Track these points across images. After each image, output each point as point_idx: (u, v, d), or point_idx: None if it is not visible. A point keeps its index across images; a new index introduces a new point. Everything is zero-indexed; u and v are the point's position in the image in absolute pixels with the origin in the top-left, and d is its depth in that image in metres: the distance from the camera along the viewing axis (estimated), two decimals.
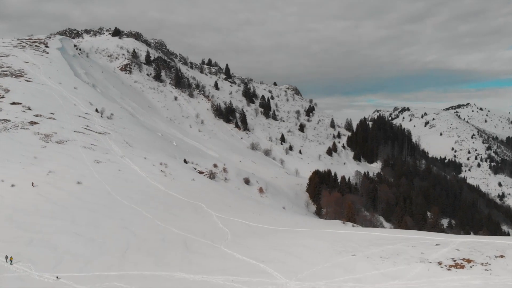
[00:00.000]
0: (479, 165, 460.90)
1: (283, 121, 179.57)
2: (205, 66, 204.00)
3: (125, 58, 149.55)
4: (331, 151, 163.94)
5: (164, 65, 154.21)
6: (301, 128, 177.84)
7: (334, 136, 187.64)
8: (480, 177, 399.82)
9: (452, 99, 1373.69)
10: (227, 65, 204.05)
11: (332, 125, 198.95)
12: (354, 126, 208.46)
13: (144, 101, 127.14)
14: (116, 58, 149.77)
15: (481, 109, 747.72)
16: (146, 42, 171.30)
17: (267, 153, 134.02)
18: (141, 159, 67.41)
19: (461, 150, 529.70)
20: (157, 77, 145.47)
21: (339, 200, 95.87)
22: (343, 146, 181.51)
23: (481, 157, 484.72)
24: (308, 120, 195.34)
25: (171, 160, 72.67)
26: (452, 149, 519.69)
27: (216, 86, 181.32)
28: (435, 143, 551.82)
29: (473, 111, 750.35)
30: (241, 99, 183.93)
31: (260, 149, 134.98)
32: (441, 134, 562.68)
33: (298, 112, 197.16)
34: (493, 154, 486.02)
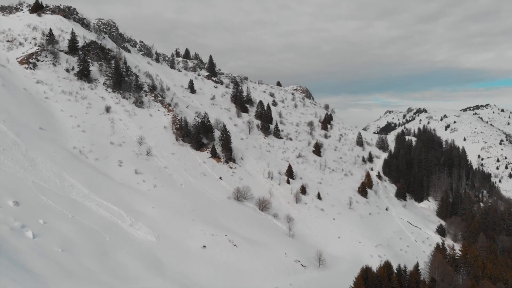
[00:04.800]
0: (510, 176, 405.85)
1: (290, 139, 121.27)
2: (179, 59, 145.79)
3: (35, 44, 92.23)
4: (365, 187, 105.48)
5: (99, 55, 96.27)
6: (317, 149, 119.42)
7: (364, 160, 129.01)
8: None
9: (460, 98, 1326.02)
10: (210, 57, 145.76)
11: (360, 142, 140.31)
12: (390, 142, 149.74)
13: (39, 116, 69.58)
14: (21, 44, 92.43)
15: (502, 110, 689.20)
16: (82, 21, 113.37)
17: (263, 205, 75.92)
18: None
19: (488, 158, 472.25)
20: (83, 74, 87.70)
21: None
22: (379, 176, 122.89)
23: None
24: (326, 136, 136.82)
25: None
26: (479, 156, 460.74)
27: (191, 88, 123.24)
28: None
29: (493, 112, 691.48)
30: (229, 106, 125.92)
31: (251, 198, 76.97)
32: (464, 140, 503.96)
33: (311, 124, 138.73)
34: None
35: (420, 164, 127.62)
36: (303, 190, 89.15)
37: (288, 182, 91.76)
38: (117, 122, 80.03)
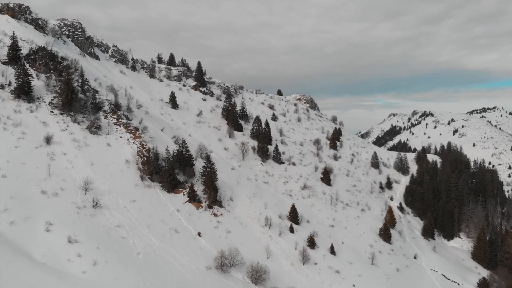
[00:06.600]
0: None
1: (293, 163, 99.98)
2: (162, 66, 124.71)
3: None
4: (388, 229, 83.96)
5: (48, 66, 75.35)
6: (326, 176, 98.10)
7: (381, 187, 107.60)
8: None
9: (463, 99, 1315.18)
10: (199, 64, 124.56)
11: (375, 163, 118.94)
12: (410, 162, 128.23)
13: None
14: None
15: (510, 113, 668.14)
16: (36, 22, 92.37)
17: (258, 275, 54.32)
18: None
19: (500, 164, 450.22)
20: (22, 91, 66.79)
21: None
22: (400, 208, 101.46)
23: None
24: (335, 157, 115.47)
25: None
26: (489, 163, 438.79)
27: (173, 102, 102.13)
28: (468, 156, 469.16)
29: (501, 115, 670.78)
30: (219, 124, 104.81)
31: (241, 264, 55.55)
32: (474, 145, 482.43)
33: (317, 142, 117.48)
34: None
35: (449, 193, 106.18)
36: (312, 243, 67.74)
37: (291, 230, 70.38)
38: (59, 158, 58.79)
